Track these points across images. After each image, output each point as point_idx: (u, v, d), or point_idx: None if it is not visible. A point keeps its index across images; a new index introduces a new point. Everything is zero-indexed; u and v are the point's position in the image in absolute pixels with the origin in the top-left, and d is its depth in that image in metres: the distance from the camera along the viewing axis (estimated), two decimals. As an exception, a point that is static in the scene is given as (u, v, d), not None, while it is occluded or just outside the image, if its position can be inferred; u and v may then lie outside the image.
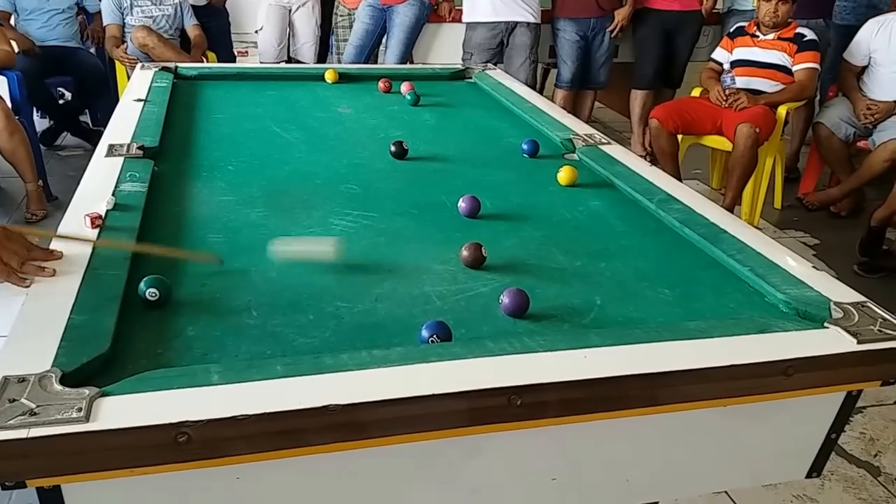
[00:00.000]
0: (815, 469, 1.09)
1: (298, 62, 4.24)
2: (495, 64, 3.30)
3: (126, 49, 3.88)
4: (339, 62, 4.00)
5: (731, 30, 3.47)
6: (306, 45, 4.27)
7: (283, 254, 1.21)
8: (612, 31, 3.93)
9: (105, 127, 4.44)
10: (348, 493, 0.90)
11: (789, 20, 3.29)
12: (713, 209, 1.43)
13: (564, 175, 1.63)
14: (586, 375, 0.90)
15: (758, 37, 3.33)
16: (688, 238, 1.35)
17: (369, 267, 1.24)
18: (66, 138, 4.27)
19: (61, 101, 4.14)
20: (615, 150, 1.76)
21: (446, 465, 0.92)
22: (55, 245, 1.11)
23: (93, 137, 4.22)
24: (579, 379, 0.90)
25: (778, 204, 3.65)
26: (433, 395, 0.86)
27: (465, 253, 1.24)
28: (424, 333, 1.00)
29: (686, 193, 1.49)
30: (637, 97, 4.10)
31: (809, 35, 3.25)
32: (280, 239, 1.25)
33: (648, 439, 0.98)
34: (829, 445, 1.07)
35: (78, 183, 1.44)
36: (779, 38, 3.27)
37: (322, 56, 4.40)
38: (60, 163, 3.96)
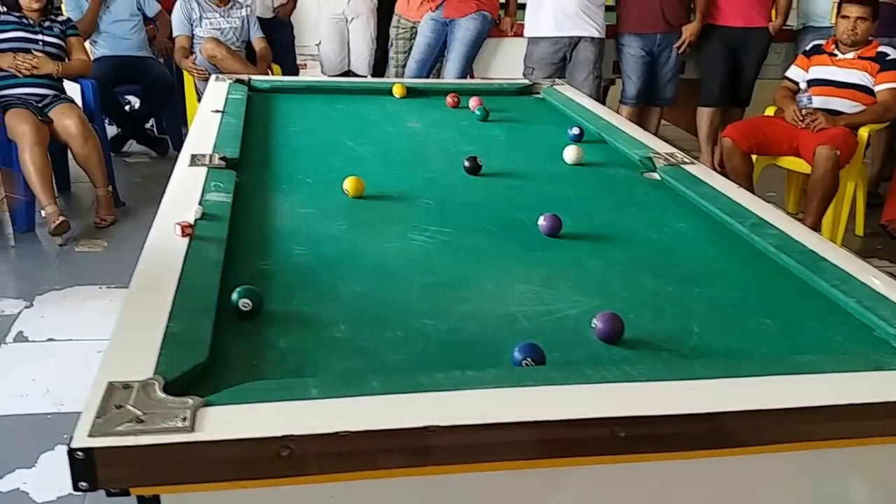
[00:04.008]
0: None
1: (355, 75, 4.27)
2: (551, 79, 3.27)
3: (195, 60, 3.97)
4: (397, 75, 4.01)
5: (808, 48, 3.35)
6: (360, 57, 4.29)
7: None
8: (679, 48, 3.86)
9: (169, 135, 4.52)
10: (441, 520, 0.87)
11: (870, 38, 3.16)
12: (810, 235, 1.37)
13: (350, 186, 1.56)
14: (694, 409, 0.86)
15: (836, 55, 3.21)
16: (785, 265, 1.29)
17: (452, 284, 1.22)
18: (132, 146, 4.40)
19: (127, 109, 4.25)
20: (699, 170, 1.71)
21: (543, 496, 0.89)
22: None
23: (157, 145, 4.33)
24: (687, 413, 0.85)
25: (860, 231, 3.48)
26: (534, 423, 0.83)
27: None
28: (517, 355, 0.97)
29: (779, 217, 1.43)
30: (704, 115, 4.00)
31: (893, 54, 3.12)
32: None
33: (756, 480, 0.93)
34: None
35: (144, 189, 1.47)
36: (859, 58, 3.15)
37: (380, 70, 4.42)
38: (126, 169, 4.07)
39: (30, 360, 2.27)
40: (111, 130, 4.36)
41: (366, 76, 4.28)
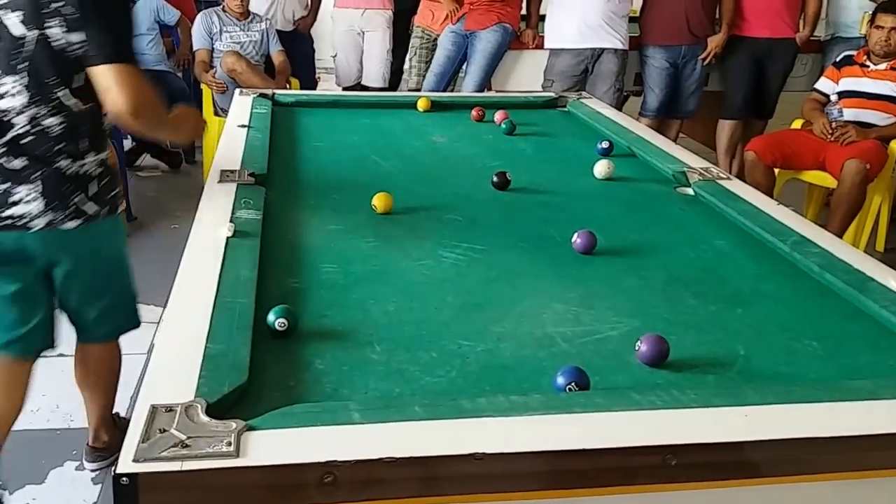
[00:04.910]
0: None
1: (367, 88, 4.25)
2: (577, 91, 3.24)
3: (215, 74, 3.98)
4: (415, 84, 3.98)
5: (838, 59, 3.29)
6: (374, 69, 4.28)
7: None
8: (704, 59, 3.82)
9: (181, 149, 4.45)
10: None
11: (903, 48, 3.11)
12: (855, 254, 1.33)
13: (379, 202, 1.54)
14: (749, 436, 0.83)
15: (868, 66, 3.15)
16: (829, 285, 1.25)
17: (486, 304, 1.20)
18: (145, 159, 4.41)
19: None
20: (736, 186, 1.67)
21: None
22: None
23: (170, 159, 4.34)
24: (741, 440, 0.82)
25: (880, 246, 3.40)
26: (583, 450, 0.80)
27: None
28: (560, 381, 0.95)
29: (822, 236, 1.39)
30: (725, 127, 3.95)
31: (926, 65, 3.06)
32: None
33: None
34: None
35: (156, 203, 1.46)
36: (892, 69, 3.09)
37: (395, 83, 4.40)
38: (139, 183, 4.06)
39: (40, 375, 2.24)
40: (126, 144, 4.38)
41: (382, 88, 4.27)
